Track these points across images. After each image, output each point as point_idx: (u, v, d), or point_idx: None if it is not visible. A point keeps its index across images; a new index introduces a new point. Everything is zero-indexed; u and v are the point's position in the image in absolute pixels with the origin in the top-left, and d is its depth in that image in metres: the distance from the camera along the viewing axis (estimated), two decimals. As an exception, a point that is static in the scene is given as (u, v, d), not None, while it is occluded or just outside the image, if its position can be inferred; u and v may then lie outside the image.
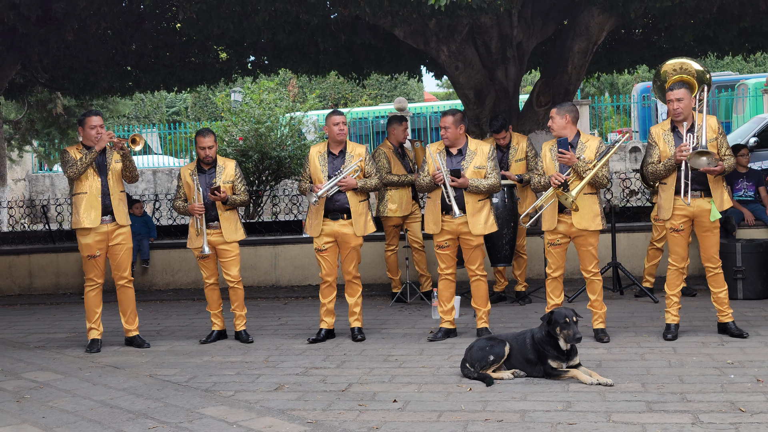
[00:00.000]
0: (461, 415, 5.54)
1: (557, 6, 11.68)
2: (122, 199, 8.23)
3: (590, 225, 7.58)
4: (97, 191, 8.06)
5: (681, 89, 7.37)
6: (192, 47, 14.03)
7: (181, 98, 43.13)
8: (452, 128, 7.84)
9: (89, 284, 8.23)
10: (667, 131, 7.48)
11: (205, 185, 8.28)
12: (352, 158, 8.14)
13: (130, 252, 8.37)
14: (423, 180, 7.98)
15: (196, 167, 8.40)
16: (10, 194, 23.93)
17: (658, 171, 7.46)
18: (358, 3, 9.38)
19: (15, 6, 10.44)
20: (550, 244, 7.70)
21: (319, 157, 8.19)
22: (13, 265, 13.12)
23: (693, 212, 7.38)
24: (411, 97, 39.33)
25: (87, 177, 8.06)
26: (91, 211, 8.03)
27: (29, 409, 6.14)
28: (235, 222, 8.41)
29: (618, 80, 36.08)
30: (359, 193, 8.14)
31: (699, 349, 7.11)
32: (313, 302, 10.14)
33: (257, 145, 16.70)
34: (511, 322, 8.67)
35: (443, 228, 7.90)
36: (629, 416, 5.35)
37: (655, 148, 7.51)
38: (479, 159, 7.87)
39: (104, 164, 8.14)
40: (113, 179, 8.16)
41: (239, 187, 8.43)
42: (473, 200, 7.83)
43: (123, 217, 8.21)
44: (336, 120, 8.17)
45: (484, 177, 7.84)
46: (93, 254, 8.12)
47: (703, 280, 9.96)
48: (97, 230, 8.08)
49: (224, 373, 7.06)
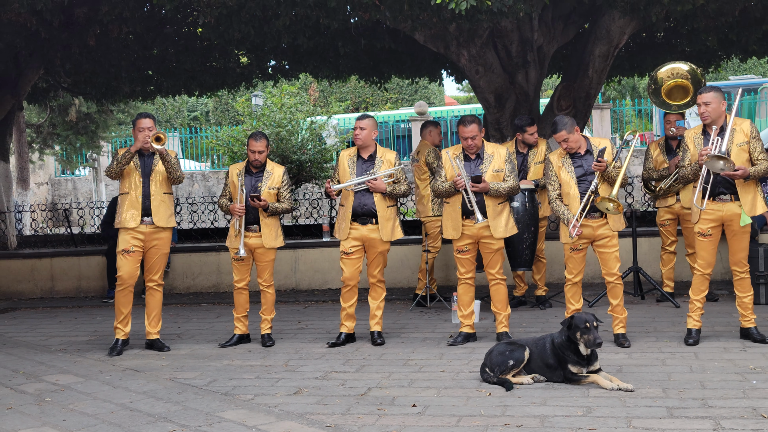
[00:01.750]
0: (480, 420, 5.52)
1: (578, 9, 11.64)
2: (164, 201, 8.23)
3: (618, 225, 7.55)
4: (138, 192, 8.12)
5: (709, 93, 7.25)
6: (213, 52, 14.10)
7: (202, 102, 43.29)
8: (479, 135, 7.83)
9: (119, 283, 8.25)
10: (699, 135, 7.41)
11: (249, 187, 8.30)
12: (382, 163, 8.14)
13: (165, 257, 8.41)
14: (441, 185, 7.95)
15: (245, 168, 8.42)
16: (32, 198, 24.11)
17: (686, 174, 7.41)
18: (378, 7, 9.38)
19: (38, 12, 10.53)
20: (572, 249, 7.65)
21: (349, 161, 8.21)
22: (36, 268, 13.21)
23: (722, 216, 7.31)
24: (432, 101, 39.29)
25: (130, 177, 8.15)
26: (131, 210, 8.12)
27: (50, 412, 6.17)
28: (276, 228, 8.41)
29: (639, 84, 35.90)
30: (387, 198, 8.13)
31: (721, 354, 7.05)
32: (333, 306, 10.15)
33: (278, 149, 16.73)
34: (531, 327, 8.64)
35: (463, 232, 7.87)
36: (650, 422, 5.31)
37: (687, 152, 7.46)
38: (497, 162, 7.85)
39: (149, 166, 8.20)
40: (156, 181, 8.19)
41: (284, 194, 8.43)
42: (493, 204, 7.81)
43: (163, 220, 8.22)
44: (355, 124, 8.21)
45: (502, 180, 7.83)
46: (127, 249, 8.15)
47: (726, 284, 9.93)
48: (136, 229, 8.13)
49: (244, 376, 7.07)
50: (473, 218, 7.71)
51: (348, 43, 12.63)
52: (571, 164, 7.59)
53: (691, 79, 9.57)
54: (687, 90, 9.55)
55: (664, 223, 9.68)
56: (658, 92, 9.66)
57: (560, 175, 7.63)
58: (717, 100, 7.23)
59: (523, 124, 9.63)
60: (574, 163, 7.59)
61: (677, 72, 9.65)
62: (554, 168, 7.67)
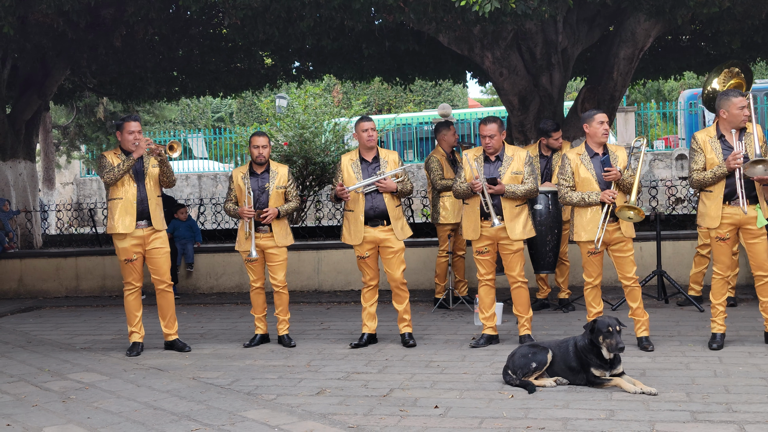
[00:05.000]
0: (503, 422, 5.51)
1: (603, 12, 11.60)
2: (159, 203, 8.28)
3: (630, 232, 7.53)
4: (133, 197, 8.11)
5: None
6: (238, 53, 14.18)
7: (226, 104, 43.48)
8: (498, 136, 7.82)
9: (128, 288, 8.31)
10: (714, 138, 7.36)
11: (256, 189, 8.32)
12: (387, 164, 8.14)
13: (168, 256, 8.40)
14: (460, 186, 7.95)
15: (249, 170, 8.44)
16: (58, 198, 24.31)
17: (706, 179, 7.32)
18: (402, 9, 9.39)
19: (65, 13, 10.61)
20: (590, 252, 7.63)
21: (352, 165, 8.17)
22: (61, 267, 13.32)
23: (739, 220, 7.27)
24: (455, 104, 39.27)
25: (123, 183, 8.11)
26: (125, 216, 8.09)
27: (75, 410, 6.22)
28: (285, 227, 8.45)
29: (664, 87, 35.75)
30: (395, 198, 8.14)
31: (745, 359, 7.01)
32: (356, 307, 10.16)
33: (301, 151, 16.79)
34: (554, 330, 8.62)
35: (482, 234, 7.86)
36: (673, 426, 5.29)
37: (700, 155, 7.37)
38: (516, 164, 7.84)
39: (141, 170, 8.20)
40: (150, 184, 8.20)
41: (291, 192, 8.46)
42: (510, 206, 7.79)
43: (159, 222, 8.25)
44: (365, 126, 8.15)
45: (521, 182, 7.81)
46: (130, 258, 8.19)
47: (751, 289, 9.86)
48: (132, 234, 8.14)
49: (266, 376, 7.10)
50: (490, 220, 7.71)
51: (372, 44, 12.65)
52: (590, 161, 7.57)
53: (742, 74, 9.69)
54: (741, 86, 9.68)
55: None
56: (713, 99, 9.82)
57: (578, 173, 7.60)
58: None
59: (548, 129, 9.61)
60: (593, 161, 7.57)
61: (723, 78, 9.79)
62: (572, 165, 7.65)
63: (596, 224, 7.48)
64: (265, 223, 8.24)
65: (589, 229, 7.53)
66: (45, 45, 12.63)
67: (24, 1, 10.07)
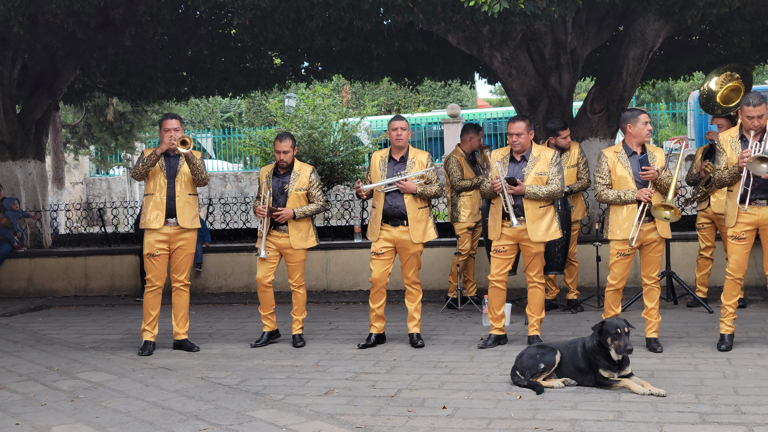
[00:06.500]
0: (511, 423, 5.51)
1: (612, 12, 11.57)
2: (189, 202, 8.25)
3: (666, 232, 7.52)
4: (162, 193, 8.14)
5: (762, 105, 7.15)
6: (247, 53, 14.19)
7: (235, 103, 43.54)
8: (525, 134, 7.79)
9: (148, 285, 8.32)
10: (735, 138, 7.34)
11: (276, 189, 8.33)
12: (414, 164, 8.12)
13: (190, 257, 8.44)
14: (485, 186, 7.97)
15: (273, 170, 8.46)
16: (67, 197, 24.36)
17: (724, 178, 7.33)
18: (411, 9, 9.39)
19: (75, 13, 10.64)
20: (621, 254, 7.60)
21: (380, 162, 8.20)
22: (70, 266, 13.35)
23: (758, 221, 7.24)
24: (464, 104, 39.25)
25: (155, 178, 8.16)
26: (155, 211, 8.14)
27: (83, 409, 6.23)
28: (306, 229, 8.45)
29: (674, 87, 35.65)
30: (419, 199, 8.11)
31: (754, 360, 6.99)
32: (364, 307, 10.16)
33: (310, 151, 16.80)
34: (562, 330, 8.61)
35: (503, 233, 7.85)
36: (682, 428, 5.27)
37: (722, 155, 7.38)
38: (542, 165, 7.79)
39: (174, 167, 8.22)
40: (181, 183, 8.20)
41: (314, 193, 8.45)
42: (533, 207, 7.76)
43: (188, 221, 8.23)
44: (395, 125, 8.13)
45: (545, 183, 7.78)
46: (152, 253, 8.20)
47: (761, 290, 9.83)
48: (160, 231, 8.17)
49: (275, 376, 7.10)
50: (509, 221, 7.70)
51: (381, 44, 12.64)
52: (627, 160, 7.53)
53: (741, 78, 9.63)
54: (739, 89, 9.61)
55: (701, 227, 9.64)
56: (717, 106, 9.74)
57: (615, 171, 7.55)
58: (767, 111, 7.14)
59: (556, 128, 9.60)
60: (630, 160, 7.54)
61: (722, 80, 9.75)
62: (609, 163, 7.60)
63: (632, 223, 7.42)
64: (278, 222, 8.26)
65: (625, 228, 7.47)
66: (55, 45, 12.66)
67: (34, 2, 10.10)
